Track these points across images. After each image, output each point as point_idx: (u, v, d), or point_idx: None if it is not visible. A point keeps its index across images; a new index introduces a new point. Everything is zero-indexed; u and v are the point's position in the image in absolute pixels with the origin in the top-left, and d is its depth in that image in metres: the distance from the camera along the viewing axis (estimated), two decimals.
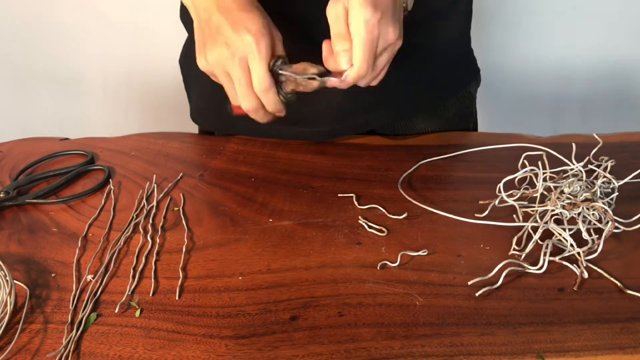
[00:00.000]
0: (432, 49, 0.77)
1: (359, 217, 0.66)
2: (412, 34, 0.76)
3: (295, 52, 0.62)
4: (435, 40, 0.76)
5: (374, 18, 0.55)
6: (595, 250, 0.58)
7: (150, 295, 0.56)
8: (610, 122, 1.45)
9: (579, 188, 0.64)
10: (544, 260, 0.57)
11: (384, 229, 0.63)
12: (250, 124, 0.69)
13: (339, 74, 0.59)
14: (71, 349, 0.50)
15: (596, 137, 0.78)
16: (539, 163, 0.66)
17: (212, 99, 0.84)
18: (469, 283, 0.56)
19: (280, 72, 0.60)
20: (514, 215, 0.64)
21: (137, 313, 0.54)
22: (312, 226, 0.65)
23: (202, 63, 0.62)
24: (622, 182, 0.67)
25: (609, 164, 0.69)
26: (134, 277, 0.58)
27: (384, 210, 0.67)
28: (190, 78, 0.88)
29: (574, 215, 0.61)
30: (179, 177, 0.74)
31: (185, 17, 0.83)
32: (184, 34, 0.87)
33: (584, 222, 0.61)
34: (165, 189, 0.72)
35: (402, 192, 0.70)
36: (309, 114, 0.79)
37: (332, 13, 0.57)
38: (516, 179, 0.68)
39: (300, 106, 0.79)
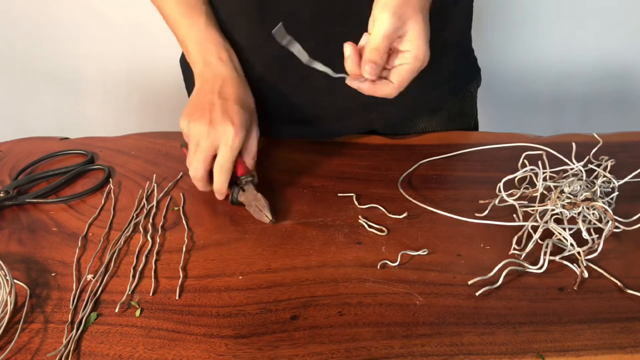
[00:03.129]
0: (433, 49, 0.77)
1: (359, 216, 0.66)
2: None
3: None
4: (436, 40, 0.76)
5: (426, 55, 0.60)
6: (596, 250, 0.58)
7: (151, 294, 0.56)
8: (610, 122, 1.45)
9: (579, 187, 0.64)
10: (544, 259, 0.57)
11: (384, 229, 0.63)
12: None
13: (356, 75, 0.60)
14: (71, 349, 0.50)
15: (596, 136, 0.78)
16: (539, 163, 0.66)
17: None
18: (469, 283, 0.56)
19: (243, 188, 0.68)
20: (514, 215, 0.64)
21: (137, 312, 0.54)
22: (312, 226, 0.65)
23: (183, 124, 0.69)
24: (622, 182, 0.67)
25: (609, 163, 0.69)
26: (134, 276, 0.58)
27: (384, 210, 0.67)
28: (191, 77, 0.88)
29: (574, 215, 0.61)
30: (178, 177, 0.74)
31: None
32: None
33: (584, 221, 0.61)
34: (165, 189, 0.72)
35: (402, 191, 0.70)
36: (310, 113, 0.80)
37: (386, 28, 0.59)
38: (516, 179, 0.68)
39: (301, 106, 0.79)
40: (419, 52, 0.60)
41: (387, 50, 0.59)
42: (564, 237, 0.59)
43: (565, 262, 0.58)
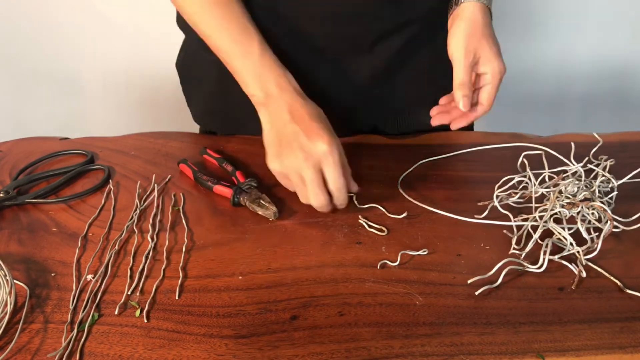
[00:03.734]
0: (434, 47, 0.77)
1: (359, 216, 0.66)
2: (414, 33, 0.76)
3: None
4: (437, 37, 0.76)
5: (502, 68, 0.71)
6: (595, 249, 0.58)
7: (151, 295, 0.56)
8: (610, 122, 1.45)
9: (577, 188, 0.64)
10: (544, 259, 0.57)
11: (383, 229, 0.63)
12: (257, 124, 0.69)
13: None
14: (71, 349, 0.50)
15: (596, 136, 0.78)
16: (539, 162, 0.66)
17: (217, 99, 0.84)
18: (469, 282, 0.56)
19: (246, 191, 0.68)
20: (514, 215, 0.64)
21: (137, 313, 0.54)
22: (312, 226, 0.65)
23: (275, 166, 0.67)
24: (621, 182, 0.67)
25: (608, 163, 0.69)
26: (133, 276, 0.58)
27: (383, 210, 0.67)
28: (191, 80, 0.88)
29: (574, 215, 0.61)
30: (167, 179, 0.74)
31: (182, 22, 0.83)
32: (183, 35, 0.86)
33: (583, 221, 0.61)
34: (165, 189, 0.72)
35: (401, 191, 0.70)
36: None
37: (463, 64, 0.70)
38: (516, 179, 0.68)
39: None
40: (494, 70, 0.71)
41: (472, 81, 0.71)
42: (563, 237, 0.59)
43: (564, 262, 0.58)
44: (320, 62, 0.76)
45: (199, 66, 0.83)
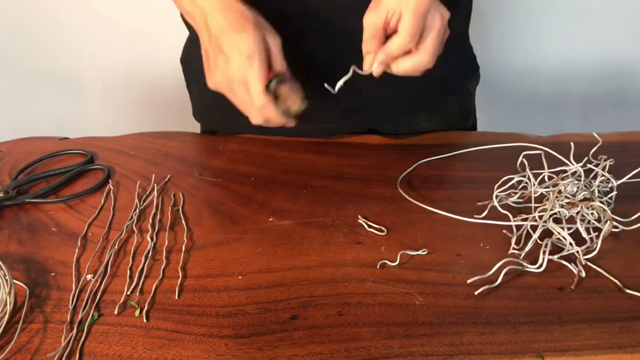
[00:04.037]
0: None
1: (359, 216, 0.66)
2: None
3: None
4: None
5: (445, 16, 0.62)
6: (594, 249, 0.58)
7: (150, 294, 0.56)
8: (610, 122, 1.45)
9: (576, 188, 0.64)
10: (543, 259, 0.57)
11: (383, 229, 0.63)
12: None
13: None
14: (71, 349, 0.50)
15: (596, 136, 0.78)
16: (539, 162, 0.66)
17: (214, 98, 0.84)
18: (468, 281, 0.56)
19: (275, 91, 0.65)
20: (513, 215, 0.64)
21: (137, 312, 0.54)
22: (311, 226, 0.65)
23: (211, 84, 0.65)
24: (620, 182, 0.67)
25: (608, 163, 0.69)
26: (133, 276, 0.58)
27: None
28: (191, 77, 0.88)
29: (573, 215, 0.61)
30: (167, 179, 0.74)
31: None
32: (184, 34, 0.86)
33: (582, 221, 0.61)
34: (165, 188, 0.72)
35: (401, 191, 0.70)
36: (312, 111, 0.80)
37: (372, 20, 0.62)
38: (515, 178, 0.68)
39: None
40: (439, 14, 0.62)
41: (381, 35, 0.62)
42: (562, 237, 0.59)
43: (564, 262, 0.58)
44: (319, 63, 0.76)
45: (199, 61, 0.83)
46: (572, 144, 0.72)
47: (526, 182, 0.67)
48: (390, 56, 0.63)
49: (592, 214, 0.61)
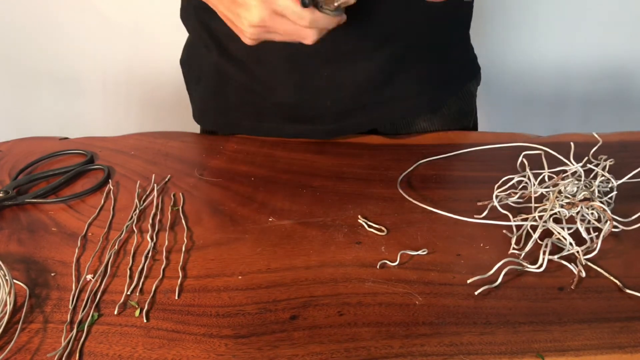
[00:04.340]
0: (433, 48, 0.77)
1: (359, 216, 0.66)
2: (413, 33, 0.76)
3: None
4: (436, 38, 0.76)
5: None
6: (594, 249, 0.58)
7: (150, 294, 0.56)
8: (610, 122, 1.45)
9: (576, 188, 0.64)
10: (544, 259, 0.57)
11: (383, 228, 0.63)
12: (253, 123, 0.69)
13: None
14: (71, 349, 0.50)
15: (596, 136, 0.78)
16: (539, 162, 0.66)
17: (214, 98, 0.84)
18: (468, 281, 0.56)
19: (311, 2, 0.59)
20: (513, 215, 0.64)
21: (137, 312, 0.54)
22: (311, 226, 0.65)
23: (248, 40, 0.61)
24: (620, 182, 0.67)
25: (608, 163, 0.69)
26: (133, 276, 0.58)
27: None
28: (191, 79, 0.88)
29: (573, 215, 0.61)
30: (166, 179, 0.74)
31: (185, 18, 0.83)
32: (184, 34, 0.87)
33: (582, 221, 0.61)
34: (165, 189, 0.72)
35: (401, 191, 0.70)
36: (311, 111, 0.80)
37: None
38: (515, 178, 0.68)
39: (302, 104, 0.79)
40: None
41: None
42: (562, 237, 0.59)
43: (564, 262, 0.58)
44: (319, 65, 0.76)
45: (198, 63, 0.84)
46: (572, 144, 0.72)
47: (526, 182, 0.67)
48: None
49: (592, 214, 0.61)
